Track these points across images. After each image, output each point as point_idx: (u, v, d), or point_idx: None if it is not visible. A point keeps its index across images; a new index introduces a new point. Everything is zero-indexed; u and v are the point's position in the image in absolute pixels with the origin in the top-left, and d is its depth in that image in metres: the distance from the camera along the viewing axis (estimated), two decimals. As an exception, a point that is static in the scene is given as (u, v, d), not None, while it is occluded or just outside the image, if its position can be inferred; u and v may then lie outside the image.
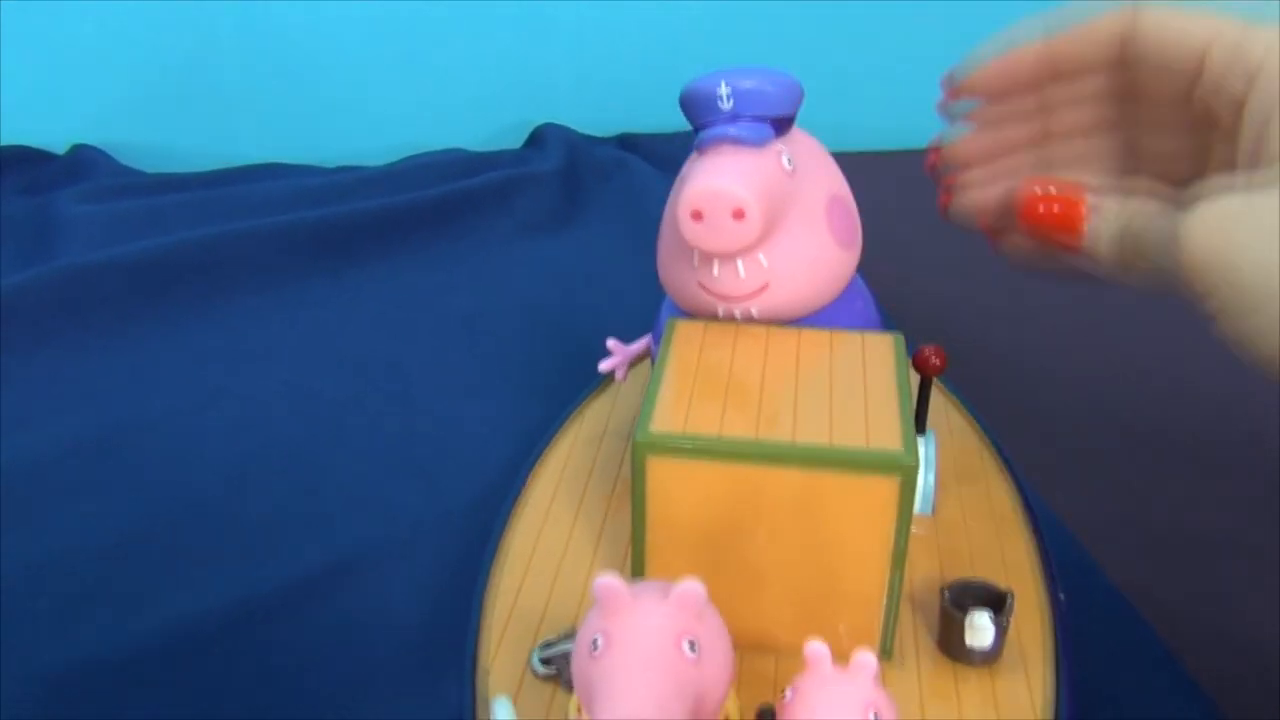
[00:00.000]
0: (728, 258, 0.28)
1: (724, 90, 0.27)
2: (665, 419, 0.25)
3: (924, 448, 0.30)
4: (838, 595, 0.25)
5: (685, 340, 0.28)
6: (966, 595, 0.26)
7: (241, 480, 0.42)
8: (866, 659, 0.20)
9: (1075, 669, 0.26)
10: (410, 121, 0.75)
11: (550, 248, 0.62)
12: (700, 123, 0.28)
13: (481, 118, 0.75)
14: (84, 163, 0.69)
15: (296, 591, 0.36)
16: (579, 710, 0.22)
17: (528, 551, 0.29)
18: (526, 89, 0.75)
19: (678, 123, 0.30)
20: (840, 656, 0.21)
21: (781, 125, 0.28)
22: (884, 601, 0.25)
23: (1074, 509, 0.38)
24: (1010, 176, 0.32)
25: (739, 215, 0.26)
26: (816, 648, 0.20)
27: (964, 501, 0.32)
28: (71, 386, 0.48)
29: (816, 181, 0.29)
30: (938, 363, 0.31)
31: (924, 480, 0.30)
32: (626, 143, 0.74)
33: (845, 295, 0.31)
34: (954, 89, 0.33)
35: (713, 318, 0.29)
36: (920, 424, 0.31)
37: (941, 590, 0.27)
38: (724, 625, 0.21)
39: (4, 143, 0.69)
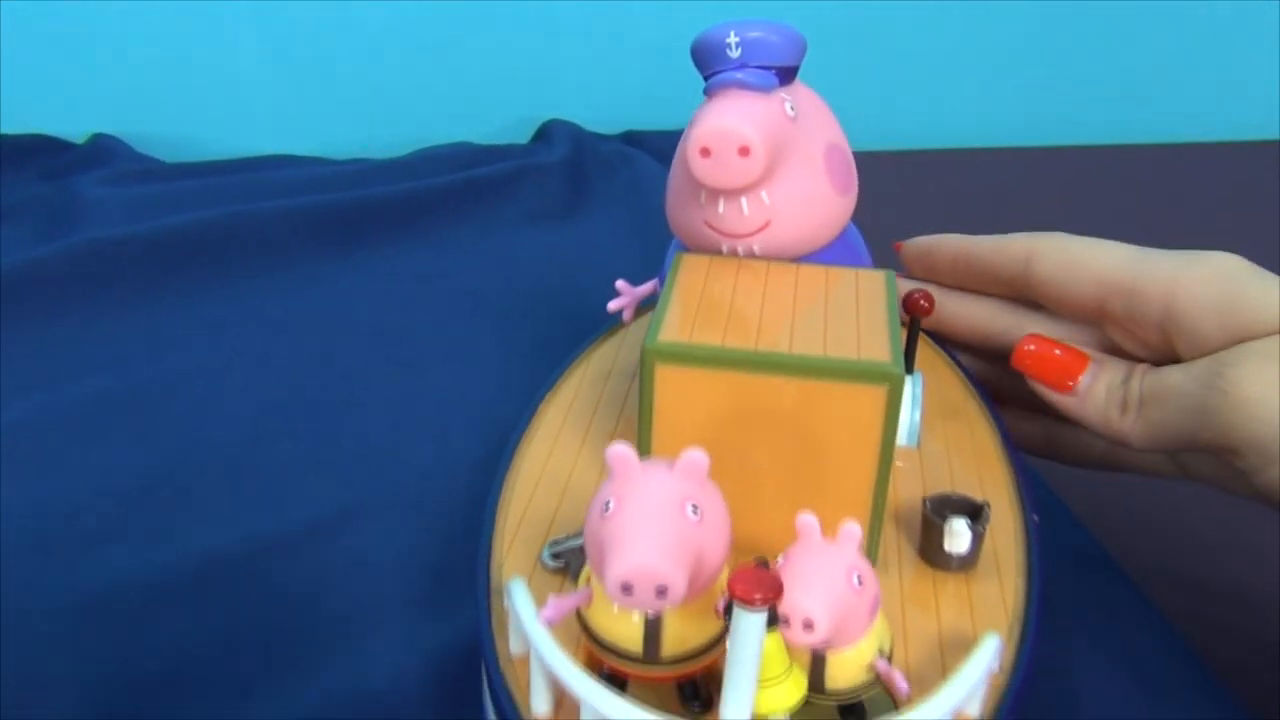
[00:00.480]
0: (733, 194, 0.30)
1: (733, 39, 0.29)
2: (673, 332, 0.27)
3: (911, 386, 0.32)
4: (829, 501, 0.27)
5: (690, 270, 0.30)
6: (946, 506, 0.28)
7: (256, 433, 0.44)
8: (851, 529, 0.22)
9: (1044, 582, 0.28)
10: (419, 117, 0.77)
11: (555, 234, 0.64)
12: (709, 70, 0.30)
13: (489, 113, 0.77)
14: (103, 151, 0.71)
15: (311, 531, 0.38)
16: (588, 583, 0.23)
17: (537, 470, 0.31)
18: (534, 86, 0.78)
19: (681, 120, 0.32)
20: None
21: (785, 75, 0.30)
22: (870, 507, 0.27)
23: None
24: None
25: (744, 152, 0.28)
26: (806, 519, 0.22)
27: (948, 437, 0.33)
28: (94, 349, 0.50)
29: (816, 130, 0.31)
30: (926, 305, 0.33)
31: (910, 416, 0.32)
32: (632, 139, 0.76)
33: (841, 240, 0.33)
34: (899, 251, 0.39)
35: (717, 254, 0.31)
36: (909, 363, 0.33)
37: (923, 501, 0.29)
38: (723, 501, 0.22)
39: (25, 131, 0.72)
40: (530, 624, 0.23)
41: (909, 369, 0.33)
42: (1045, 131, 0.83)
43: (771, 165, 0.29)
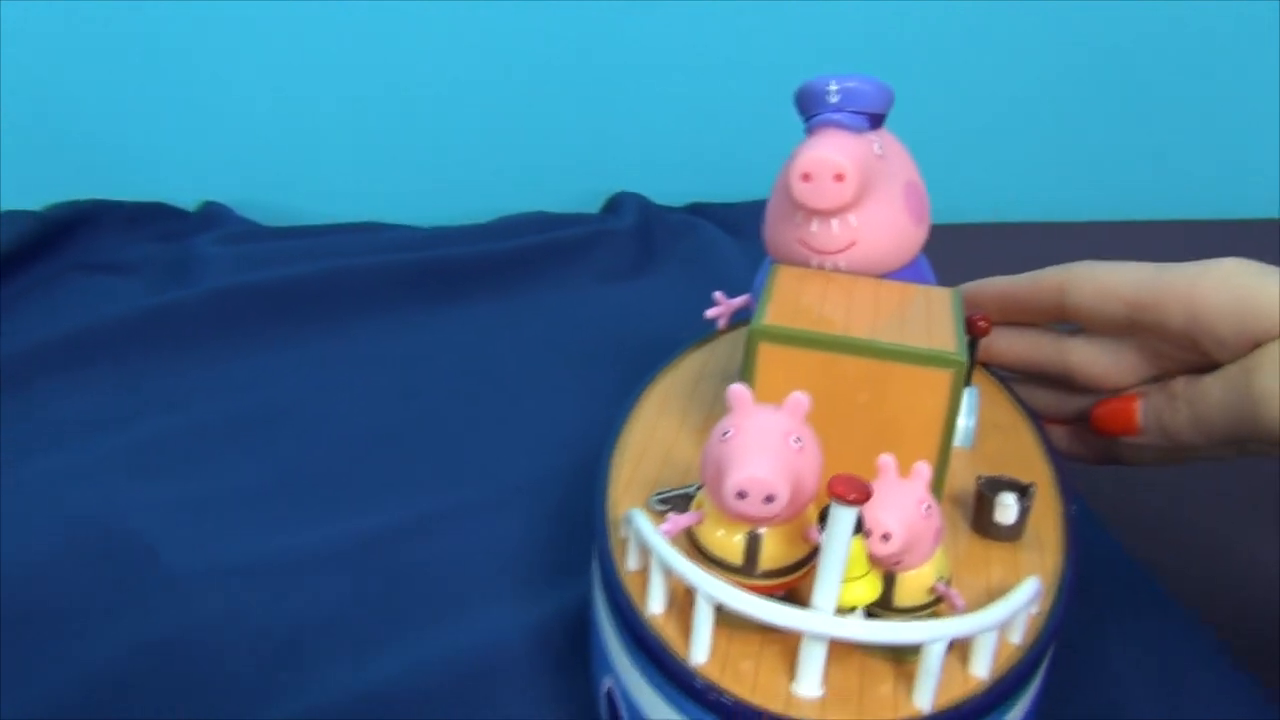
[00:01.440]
0: (826, 215, 0.35)
1: (833, 87, 0.35)
2: (774, 318, 0.32)
3: (968, 396, 0.37)
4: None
5: (787, 276, 0.36)
6: (996, 485, 0.33)
7: (362, 449, 0.50)
8: (922, 467, 0.27)
9: (1076, 555, 0.33)
10: (495, 190, 0.84)
11: (625, 292, 0.71)
12: (812, 111, 0.36)
13: (562, 186, 0.84)
14: (212, 216, 0.79)
15: (417, 526, 0.44)
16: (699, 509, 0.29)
17: (640, 446, 0.36)
18: (604, 160, 0.85)
19: (743, 193, 0.38)
20: None
21: (875, 120, 0.36)
22: (936, 479, 0.32)
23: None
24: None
25: (839, 178, 0.34)
26: (886, 458, 0.27)
27: (998, 443, 0.38)
28: (218, 379, 0.57)
29: (898, 169, 0.37)
30: (984, 326, 0.38)
31: (966, 422, 0.37)
32: (695, 210, 0.83)
33: (914, 265, 0.38)
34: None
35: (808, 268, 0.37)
36: (967, 377, 0.38)
37: (977, 479, 0.34)
38: (818, 441, 0.28)
39: (143, 199, 0.80)
40: (651, 535, 0.28)
41: (967, 382, 0.38)
42: (1060, 208, 0.88)
43: (861, 192, 0.34)
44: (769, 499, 0.26)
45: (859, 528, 0.26)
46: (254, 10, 0.77)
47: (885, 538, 0.26)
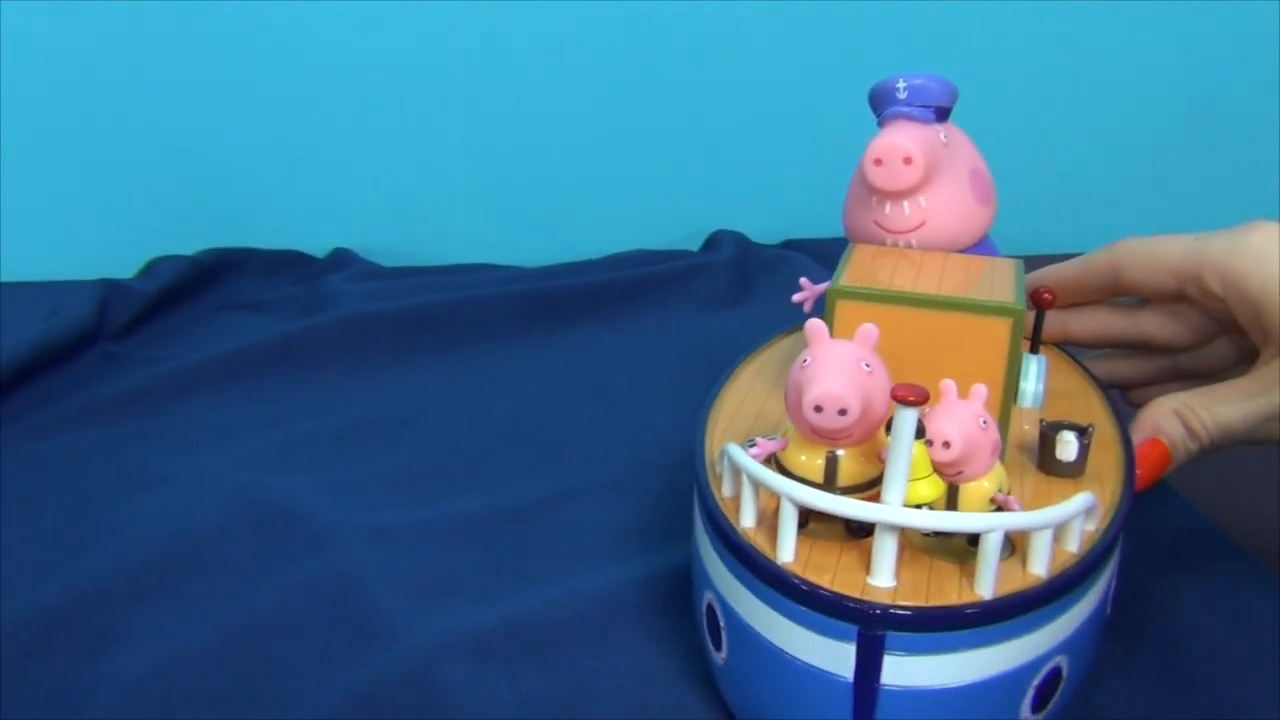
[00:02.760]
0: (898, 197, 0.39)
1: (901, 85, 0.40)
2: (849, 279, 0.37)
3: (1036, 364, 0.41)
4: None
5: (861, 252, 0.40)
6: (1058, 426, 0.37)
7: (486, 447, 0.56)
8: (979, 388, 0.31)
9: (1133, 490, 0.36)
10: (600, 231, 0.91)
11: (724, 318, 0.76)
12: (883, 107, 0.40)
13: (663, 226, 0.90)
14: (341, 260, 0.86)
15: (539, 504, 0.49)
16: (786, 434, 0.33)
17: (735, 406, 0.40)
18: (702, 201, 0.91)
19: (834, 229, 0.43)
20: None
21: (941, 114, 0.40)
22: (999, 420, 0.35)
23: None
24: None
25: (908, 162, 0.37)
26: (947, 381, 0.31)
27: (1065, 406, 0.42)
28: (355, 391, 0.63)
29: (964, 156, 0.41)
30: (1050, 298, 0.42)
31: (1035, 385, 0.41)
32: (790, 246, 0.88)
33: (983, 244, 0.42)
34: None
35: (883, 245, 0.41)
36: (1034, 345, 0.42)
37: (1040, 421, 0.37)
38: (887, 368, 0.32)
39: (279, 247, 0.88)
40: (741, 457, 0.33)
41: (1034, 349, 0.42)
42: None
43: (928, 175, 0.38)
44: (842, 411, 0.30)
45: (920, 432, 0.30)
46: (369, 85, 0.86)
47: (946, 445, 0.30)
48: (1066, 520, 0.31)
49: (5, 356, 0.63)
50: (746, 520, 0.33)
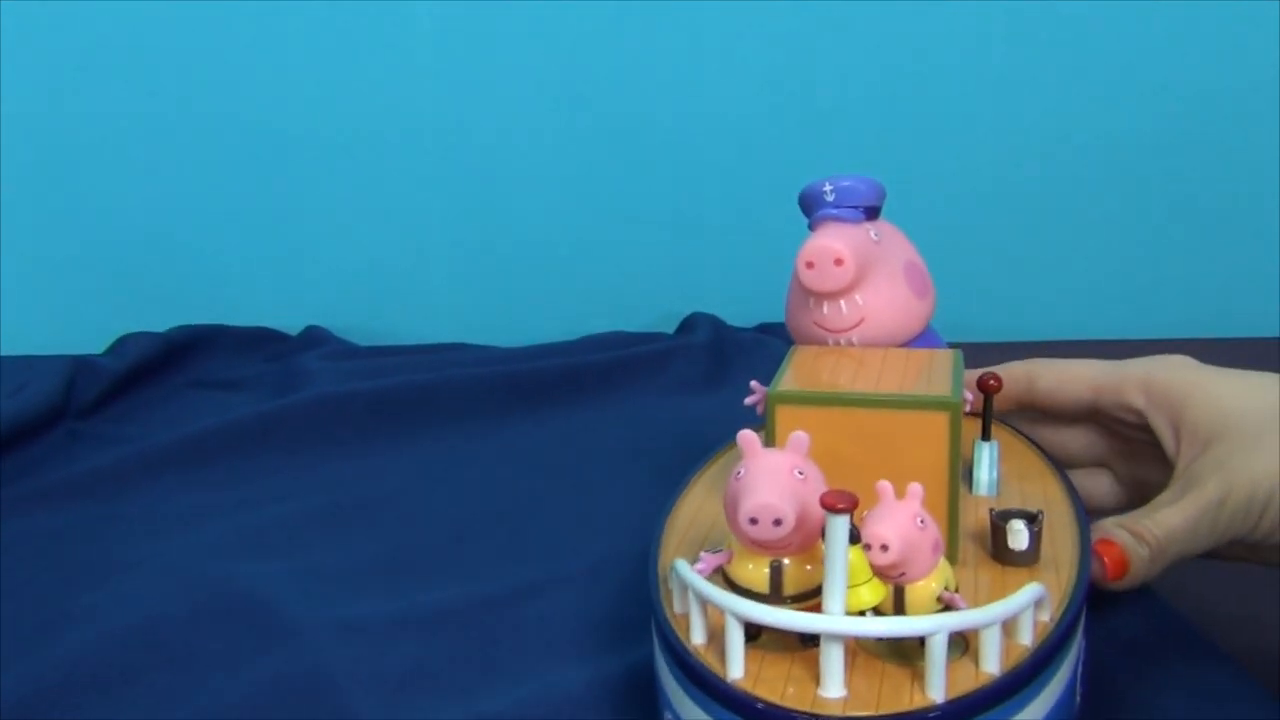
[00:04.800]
0: (833, 297, 0.40)
1: (828, 188, 0.41)
2: (788, 384, 0.37)
3: (989, 450, 0.42)
4: None
5: (801, 354, 0.41)
6: (1007, 515, 0.37)
7: (460, 532, 0.56)
8: (915, 487, 0.31)
9: (1087, 574, 0.36)
10: (575, 313, 0.92)
11: (699, 401, 0.76)
12: (812, 210, 0.42)
13: (637, 309, 0.91)
14: (314, 338, 0.87)
15: (512, 594, 0.49)
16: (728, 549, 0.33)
17: (688, 521, 0.41)
18: (677, 284, 0.92)
19: None
20: None
21: (870, 212, 0.42)
22: (946, 513, 0.36)
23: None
24: None
25: (839, 262, 0.39)
26: (882, 483, 0.31)
27: (1023, 491, 0.42)
28: (328, 473, 0.63)
29: (896, 251, 0.42)
30: (995, 384, 0.43)
31: (989, 473, 0.42)
32: (765, 330, 0.89)
33: (925, 336, 0.43)
34: None
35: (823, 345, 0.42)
36: (985, 431, 0.43)
37: (990, 511, 0.38)
38: (822, 474, 0.32)
39: (252, 324, 0.88)
40: (688, 574, 0.33)
41: (985, 436, 0.43)
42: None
43: (860, 274, 0.39)
44: (777, 522, 0.30)
45: (855, 537, 0.30)
46: (343, 164, 0.87)
47: (884, 548, 0.30)
48: (1014, 614, 0.31)
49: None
50: (697, 638, 0.33)
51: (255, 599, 0.47)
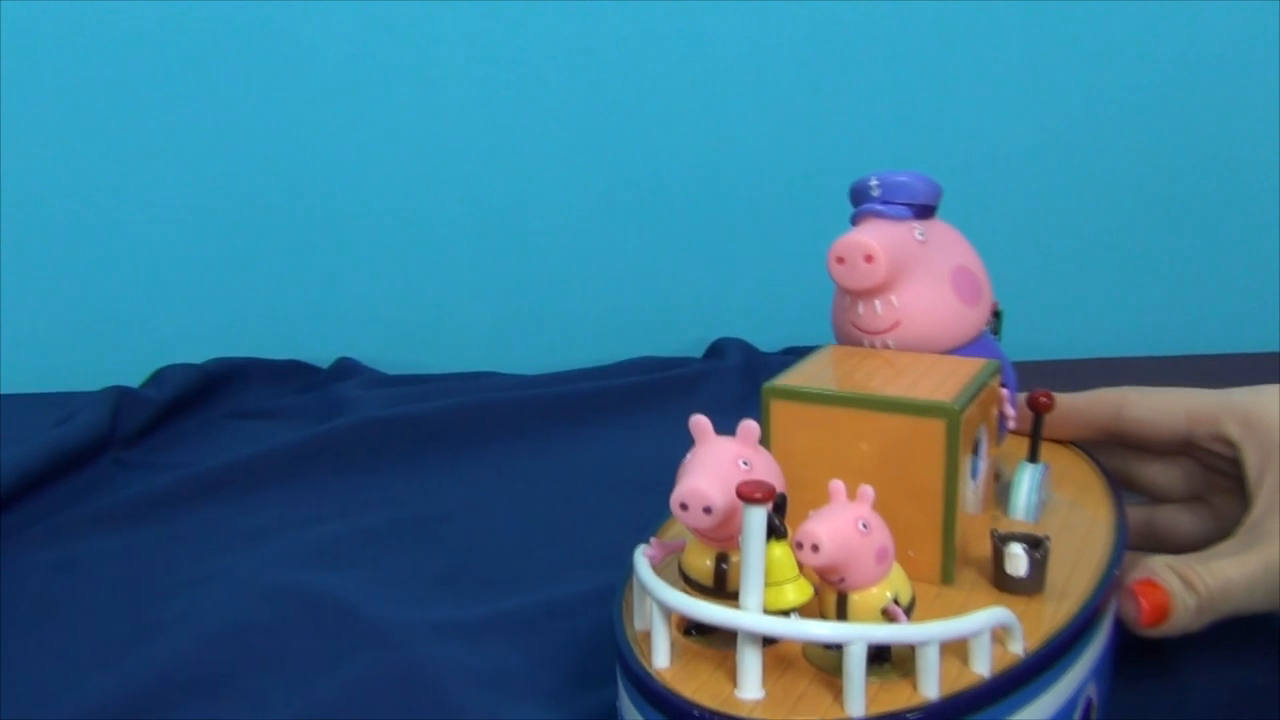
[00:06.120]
0: (866, 295, 0.38)
1: (874, 183, 0.40)
2: (787, 380, 0.36)
3: (1032, 472, 0.40)
4: (908, 524, 0.33)
5: (825, 352, 0.40)
6: (1010, 537, 0.35)
7: (521, 543, 0.57)
8: (866, 490, 0.30)
9: (1093, 611, 0.34)
10: (603, 341, 0.93)
11: (732, 424, 0.77)
12: (856, 206, 0.40)
13: (664, 335, 0.93)
14: (346, 369, 0.88)
15: (584, 600, 0.50)
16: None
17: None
18: (703, 310, 0.94)
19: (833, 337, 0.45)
20: (911, 575, 0.31)
21: (922, 211, 0.40)
22: (941, 531, 0.34)
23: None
24: None
25: (869, 259, 0.37)
26: (835, 483, 0.30)
27: (1068, 519, 0.40)
28: (377, 494, 0.64)
29: (946, 253, 0.40)
30: (1046, 402, 0.41)
31: (1028, 496, 0.40)
32: (791, 353, 0.91)
33: (979, 345, 0.40)
34: None
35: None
36: (1032, 453, 0.41)
37: (991, 532, 0.35)
38: (776, 466, 0.32)
39: (284, 357, 0.89)
40: (637, 559, 0.33)
41: (1032, 458, 0.41)
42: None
43: (895, 273, 0.37)
44: (707, 509, 0.30)
45: (780, 531, 0.30)
46: (369, 195, 0.89)
47: (814, 548, 0.29)
48: (956, 637, 0.29)
49: (18, 463, 0.63)
50: (639, 625, 0.33)
51: (339, 604, 0.48)
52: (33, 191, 0.85)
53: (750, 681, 0.29)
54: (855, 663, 0.28)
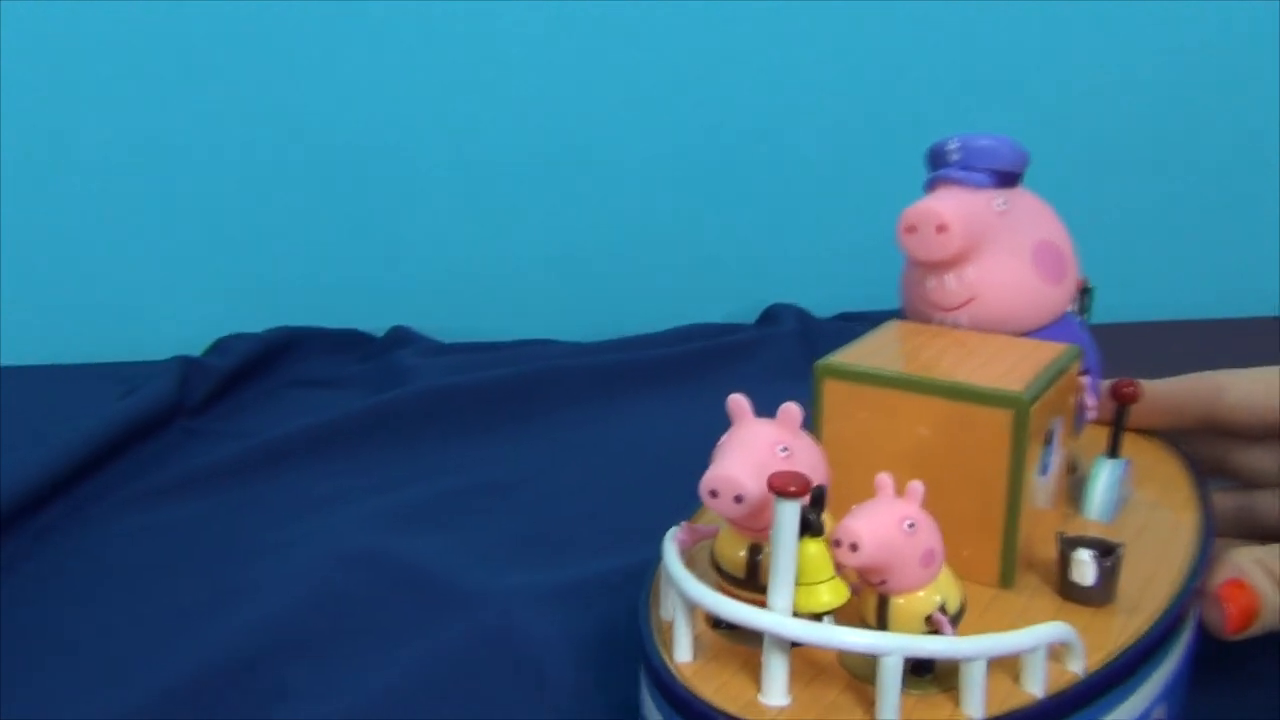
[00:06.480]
0: (937, 269, 0.36)
1: (953, 145, 0.37)
2: (842, 358, 0.34)
3: (1111, 468, 0.37)
4: (964, 521, 0.31)
5: (889, 329, 0.37)
6: (1080, 543, 0.32)
7: (595, 508, 0.57)
8: (915, 486, 0.28)
9: (1169, 627, 0.31)
10: (654, 307, 0.93)
11: (789, 389, 0.77)
12: (933, 169, 0.38)
13: (721, 300, 0.93)
14: (401, 338, 0.88)
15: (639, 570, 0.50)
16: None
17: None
18: (757, 275, 0.93)
19: (891, 303, 0.44)
20: (966, 577, 0.29)
21: (1005, 178, 0.37)
22: (1002, 530, 0.31)
23: None
24: None
25: (941, 229, 0.34)
26: (882, 476, 0.28)
27: (1149, 520, 0.37)
28: (442, 461, 0.64)
29: (1029, 225, 0.37)
30: (1131, 391, 0.38)
31: (1104, 494, 0.37)
32: (847, 319, 0.90)
33: (1060, 326, 0.37)
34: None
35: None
36: (1112, 447, 0.38)
37: (1058, 534, 0.32)
38: (819, 454, 0.29)
39: (338, 326, 0.90)
40: (666, 545, 0.31)
41: (1112, 453, 0.38)
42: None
43: (968, 244, 0.35)
44: (738, 498, 0.28)
45: (817, 528, 0.28)
46: (423, 164, 0.89)
47: (853, 547, 0.27)
48: (1005, 653, 0.27)
49: (91, 433, 0.64)
50: (665, 614, 0.32)
51: (425, 569, 0.48)
52: (91, 161, 0.85)
53: (776, 687, 0.28)
54: (889, 675, 0.26)
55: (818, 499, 0.28)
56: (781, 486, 0.26)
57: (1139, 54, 0.90)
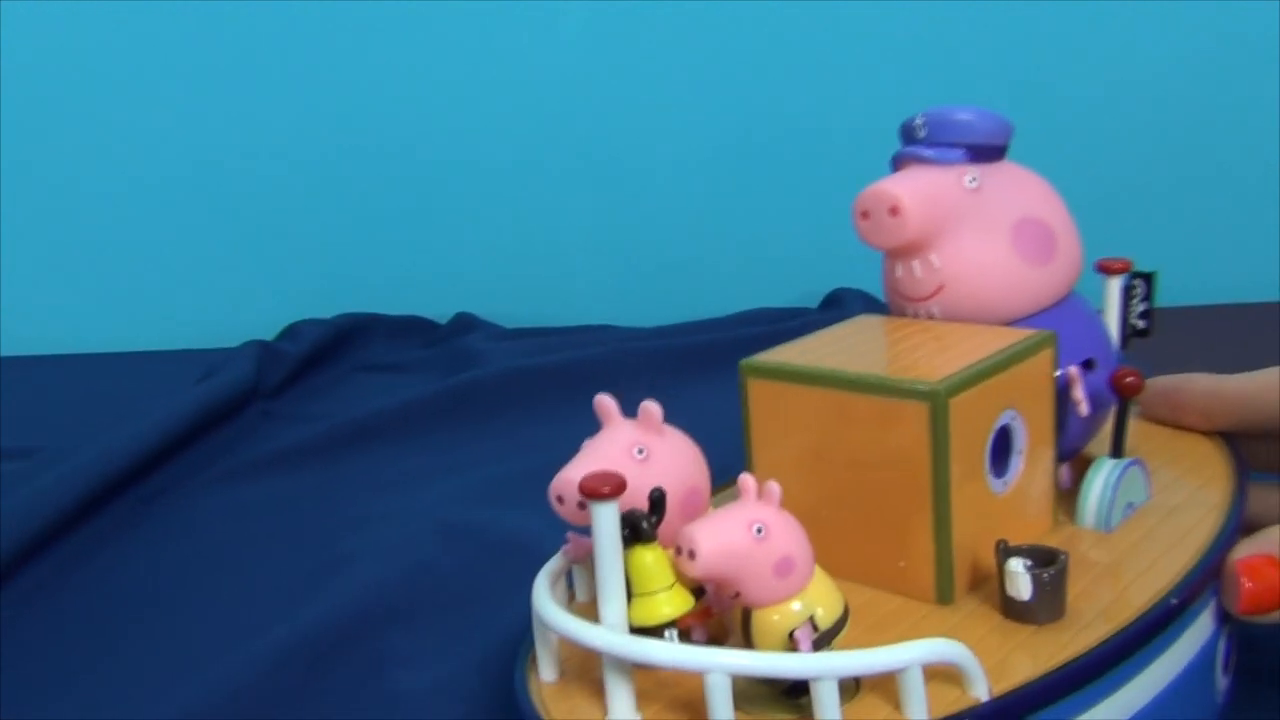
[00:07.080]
0: (895, 255, 0.33)
1: (919, 121, 0.33)
2: (769, 356, 0.32)
3: (1108, 471, 0.33)
4: (897, 529, 0.29)
5: (846, 324, 0.34)
6: (1020, 553, 0.28)
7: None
8: (773, 488, 0.25)
9: (1129, 642, 0.27)
10: (717, 292, 0.93)
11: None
12: (901, 148, 0.34)
13: (782, 285, 0.93)
14: (465, 324, 0.89)
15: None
16: None
17: None
18: (821, 258, 0.93)
19: None
20: (902, 591, 0.28)
21: (980, 152, 0.33)
22: (932, 536, 0.28)
23: None
24: None
25: (894, 212, 0.31)
26: (744, 477, 0.25)
27: (1152, 532, 0.33)
28: (521, 440, 0.65)
29: (1008, 203, 0.33)
30: (1132, 382, 0.33)
31: (1100, 499, 0.33)
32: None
33: (1057, 315, 0.33)
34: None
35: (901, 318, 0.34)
36: (1115, 447, 0.34)
37: (997, 543, 0.28)
38: (687, 453, 0.28)
39: (403, 313, 0.91)
40: (540, 578, 0.29)
41: (1116, 453, 0.34)
42: None
43: (929, 227, 0.31)
44: (582, 505, 0.25)
45: (640, 534, 0.25)
46: (485, 152, 0.90)
47: (690, 554, 0.24)
48: (869, 672, 0.24)
49: (173, 415, 0.65)
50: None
51: (516, 540, 0.49)
52: (169, 159, 0.87)
53: (620, 703, 0.25)
54: (715, 694, 0.23)
55: (657, 502, 0.26)
56: (592, 489, 0.24)
57: (1143, 43, 0.89)
